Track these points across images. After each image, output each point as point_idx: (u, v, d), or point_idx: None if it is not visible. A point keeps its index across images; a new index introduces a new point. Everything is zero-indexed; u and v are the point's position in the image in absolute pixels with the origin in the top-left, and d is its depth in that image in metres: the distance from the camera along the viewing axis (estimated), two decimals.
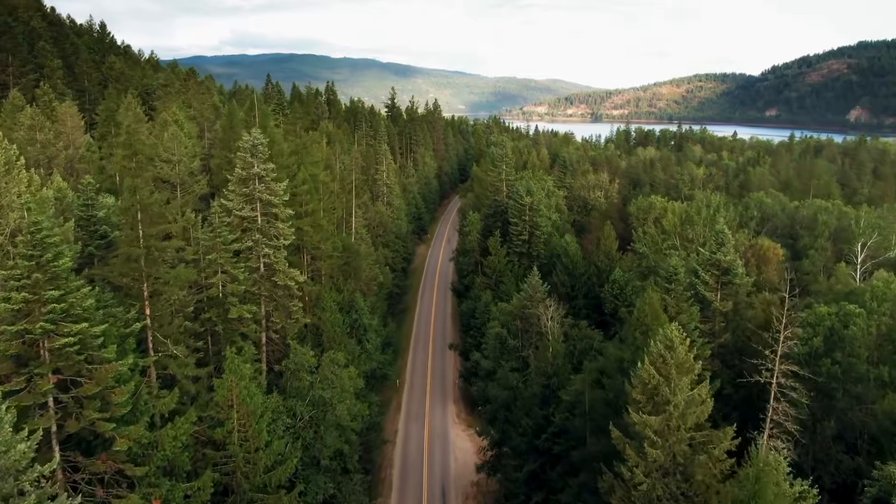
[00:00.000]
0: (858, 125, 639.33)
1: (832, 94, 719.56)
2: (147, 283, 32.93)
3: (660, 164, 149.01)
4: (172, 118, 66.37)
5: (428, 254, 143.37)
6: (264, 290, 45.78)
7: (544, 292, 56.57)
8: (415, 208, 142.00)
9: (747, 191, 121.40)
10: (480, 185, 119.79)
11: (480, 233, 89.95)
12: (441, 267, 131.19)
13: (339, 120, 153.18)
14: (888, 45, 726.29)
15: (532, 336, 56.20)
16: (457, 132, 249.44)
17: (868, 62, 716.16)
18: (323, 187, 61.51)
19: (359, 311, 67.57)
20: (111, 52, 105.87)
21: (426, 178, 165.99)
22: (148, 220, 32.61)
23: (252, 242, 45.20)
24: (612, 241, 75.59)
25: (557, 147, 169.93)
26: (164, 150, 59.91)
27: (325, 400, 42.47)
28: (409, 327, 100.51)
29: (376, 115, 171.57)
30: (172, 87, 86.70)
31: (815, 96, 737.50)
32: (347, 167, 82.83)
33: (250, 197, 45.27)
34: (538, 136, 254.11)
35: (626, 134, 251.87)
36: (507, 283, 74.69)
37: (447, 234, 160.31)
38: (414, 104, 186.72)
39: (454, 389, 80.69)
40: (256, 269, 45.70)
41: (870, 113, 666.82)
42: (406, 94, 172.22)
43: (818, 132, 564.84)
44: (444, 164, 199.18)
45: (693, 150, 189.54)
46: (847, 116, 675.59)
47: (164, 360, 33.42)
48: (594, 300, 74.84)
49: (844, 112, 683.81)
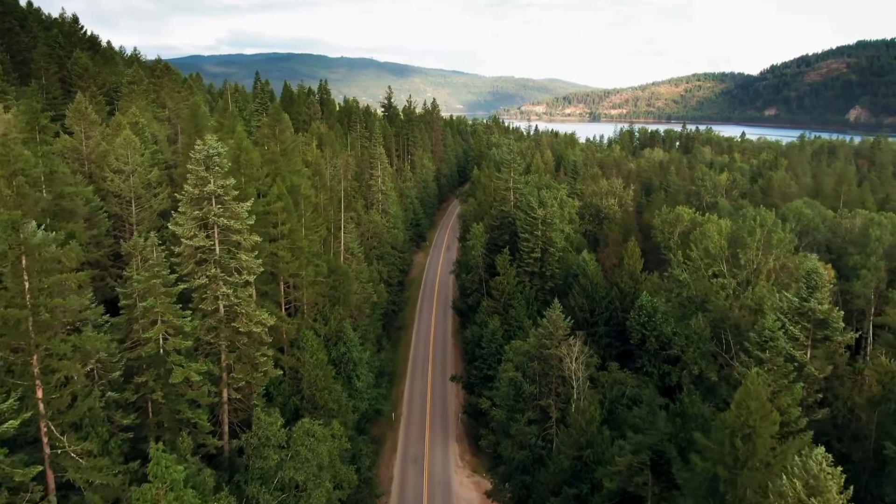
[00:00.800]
0: (858, 125, 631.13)
1: (831, 93, 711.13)
2: (37, 355, 23.25)
3: (674, 168, 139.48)
4: (130, 120, 56.48)
5: (427, 263, 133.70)
6: (223, 339, 36.06)
7: (567, 327, 47.06)
8: (412, 214, 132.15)
9: (769, 197, 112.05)
10: (483, 191, 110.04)
11: (485, 247, 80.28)
12: (441, 278, 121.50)
13: (333, 121, 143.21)
14: (887, 45, 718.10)
15: (552, 381, 46.76)
16: (455, 132, 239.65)
17: (867, 61, 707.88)
18: (305, 201, 51.88)
19: (348, 343, 57.97)
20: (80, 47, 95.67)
21: (424, 181, 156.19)
22: (37, 267, 22.92)
23: (207, 279, 35.50)
24: (637, 259, 66.06)
25: (562, 149, 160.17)
26: (115, 159, 50.17)
27: (298, 483, 32.86)
28: (405, 349, 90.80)
29: (372, 116, 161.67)
30: (140, 84, 76.75)
31: (814, 96, 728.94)
32: (337, 174, 73.10)
33: (205, 221, 35.56)
34: (539, 136, 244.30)
35: (629, 134, 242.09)
36: (517, 308, 65.13)
37: (447, 240, 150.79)
38: (411, 104, 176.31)
39: (456, 425, 70.95)
40: (213, 313, 36.01)
41: (869, 112, 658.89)
42: (403, 94, 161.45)
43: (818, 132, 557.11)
44: (443, 165, 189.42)
45: (703, 152, 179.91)
46: (846, 116, 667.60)
47: (63, 461, 23.76)
48: (616, 327, 65.37)
49: (844, 111, 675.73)
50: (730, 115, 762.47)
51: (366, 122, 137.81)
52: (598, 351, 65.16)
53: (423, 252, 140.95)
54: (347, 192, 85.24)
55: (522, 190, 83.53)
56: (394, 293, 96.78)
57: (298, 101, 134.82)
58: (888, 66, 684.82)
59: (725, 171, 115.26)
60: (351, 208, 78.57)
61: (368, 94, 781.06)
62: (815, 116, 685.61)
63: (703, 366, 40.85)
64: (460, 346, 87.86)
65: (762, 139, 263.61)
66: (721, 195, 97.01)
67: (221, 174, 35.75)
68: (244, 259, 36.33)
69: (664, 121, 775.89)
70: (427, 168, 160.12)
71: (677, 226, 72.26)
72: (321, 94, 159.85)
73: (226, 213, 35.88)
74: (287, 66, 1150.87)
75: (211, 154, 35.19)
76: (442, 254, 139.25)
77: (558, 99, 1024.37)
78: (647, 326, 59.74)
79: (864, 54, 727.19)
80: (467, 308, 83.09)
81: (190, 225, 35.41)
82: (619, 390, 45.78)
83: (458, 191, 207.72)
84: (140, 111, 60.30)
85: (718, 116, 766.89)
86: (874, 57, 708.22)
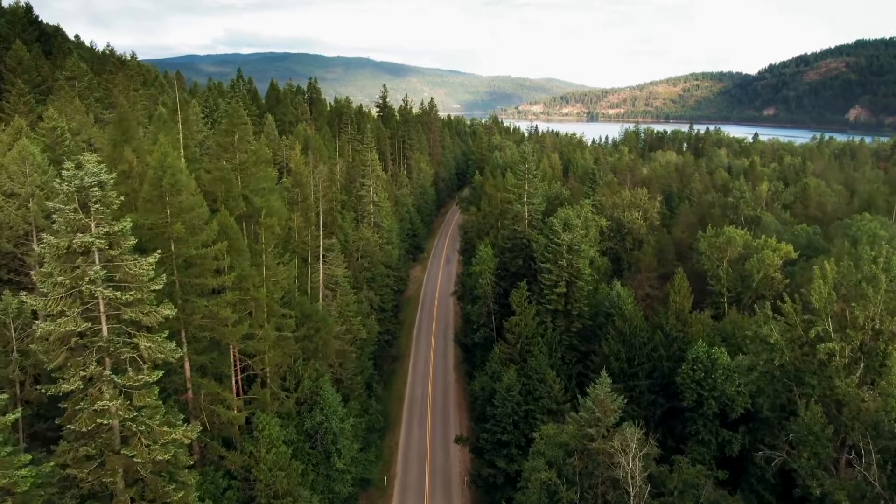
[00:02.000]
0: (858, 124, 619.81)
1: (831, 93, 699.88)
2: None
3: (697, 175, 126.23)
4: (50, 124, 43.03)
5: (424, 278, 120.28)
6: (110, 476, 22.79)
7: (619, 408, 34.01)
8: (409, 224, 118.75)
9: (807, 209, 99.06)
10: (489, 202, 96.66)
11: (494, 273, 67.12)
12: (440, 297, 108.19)
13: (322, 122, 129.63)
14: (886, 44, 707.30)
15: (599, 483, 33.83)
16: (454, 133, 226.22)
17: (867, 61, 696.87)
18: (267, 232, 38.61)
19: (326, 409, 44.83)
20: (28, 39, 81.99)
21: (422, 187, 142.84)
22: None
23: (81, 381, 22.25)
24: (686, 296, 52.96)
25: (569, 152, 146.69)
26: (7, 178, 36.83)
27: None
28: (401, 387, 77.63)
29: (365, 116, 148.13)
30: (82, 80, 63.41)
31: (813, 95, 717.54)
32: (316, 187, 59.74)
33: (75, 290, 22.31)
34: (542, 137, 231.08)
35: (635, 135, 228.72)
36: (537, 356, 51.96)
37: (446, 250, 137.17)
38: (408, 103, 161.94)
39: (462, 495, 57.78)
40: (92, 434, 22.76)
41: (869, 112, 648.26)
42: (400, 94, 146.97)
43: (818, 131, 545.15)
44: (441, 168, 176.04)
45: (719, 155, 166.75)
46: (846, 116, 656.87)
47: None
48: (661, 380, 52.35)
49: (843, 111, 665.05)
50: (728, 114, 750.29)
51: (358, 123, 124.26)
52: (640, 411, 52.28)
53: (420, 265, 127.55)
54: (332, 208, 71.86)
55: (538, 205, 70.25)
56: (387, 319, 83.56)
57: (285, 100, 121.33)
58: (887, 65, 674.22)
59: (765, 179, 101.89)
60: (334, 228, 65.29)
61: (365, 94, 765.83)
62: (815, 116, 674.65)
63: (827, 483, 27.80)
64: (464, 386, 74.72)
65: (774, 140, 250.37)
66: (762, 208, 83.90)
67: (107, 215, 22.47)
68: (146, 346, 23.05)
69: (662, 120, 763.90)
70: (425, 172, 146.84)
71: (727, 250, 59.28)
72: (311, 93, 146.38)
73: (115, 274, 22.64)
74: (283, 65, 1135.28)
75: (87, 184, 21.90)
76: (441, 267, 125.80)
77: (556, 99, 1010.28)
78: (705, 385, 46.78)
79: (864, 53, 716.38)
80: (473, 345, 69.91)
81: (56, 294, 22.13)
82: (692, 498, 32.72)
83: (458, 195, 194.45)
84: (64, 113, 46.97)
85: (717, 116, 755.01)
86: (873, 56, 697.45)
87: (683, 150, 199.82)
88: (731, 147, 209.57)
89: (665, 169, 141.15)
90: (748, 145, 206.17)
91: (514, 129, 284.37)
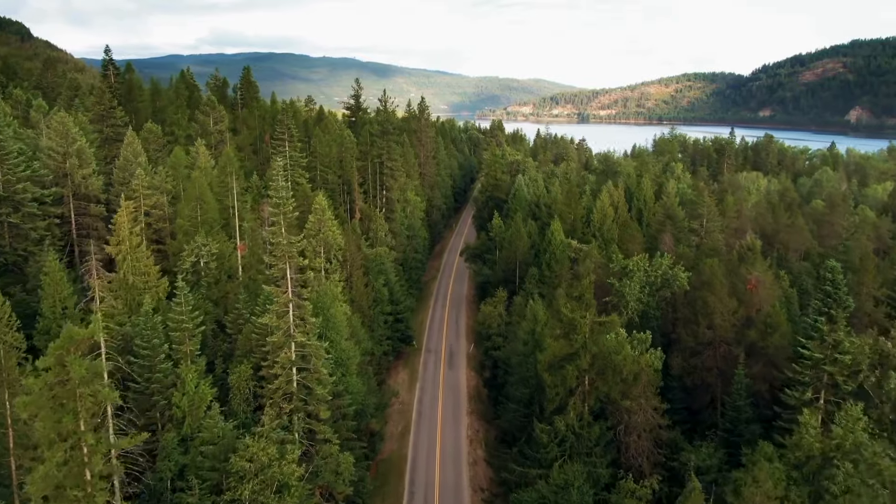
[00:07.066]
0: (860, 126, 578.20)
1: (829, 93, 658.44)
2: None
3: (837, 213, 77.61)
4: None
5: (412, 422, 70.09)
6: None
7: None
8: (386, 315, 68.24)
9: None
10: (560, 323, 46.76)
11: None
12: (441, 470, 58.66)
13: (247, 134, 79.36)
14: (883, 44, 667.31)
15: None
16: (449, 142, 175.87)
17: (865, 61, 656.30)
18: None
19: None
20: None
21: (410, 228, 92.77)
22: None
23: None
24: None
25: (630, 179, 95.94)
26: None
27: None
28: None
29: (325, 123, 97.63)
30: None
31: (810, 96, 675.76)
32: None
33: None
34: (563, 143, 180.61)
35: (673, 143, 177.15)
36: None
37: (446, 337, 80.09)
38: (389, 104, 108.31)
39: None
40: None
41: (871, 113, 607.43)
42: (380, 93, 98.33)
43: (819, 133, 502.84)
44: (436, 193, 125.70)
45: (829, 175, 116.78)
46: (847, 117, 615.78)
47: None
48: None
49: (843, 112, 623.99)
50: (723, 116, 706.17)
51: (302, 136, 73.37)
52: None
53: (406, 370, 71.19)
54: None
55: None
56: None
57: (177, 99, 70.84)
58: (886, 65, 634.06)
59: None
60: None
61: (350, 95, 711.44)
62: (814, 117, 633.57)
63: None
64: None
65: (805, 148, 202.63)
66: None
67: None
68: None
69: (655, 122, 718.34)
70: (414, 206, 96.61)
71: None
72: (242, 90, 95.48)
73: None
74: (267, 65, 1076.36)
75: None
76: (441, 380, 69.35)
77: (545, 99, 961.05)
78: None
79: (861, 54, 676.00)
80: None
81: None
82: None
83: (455, 225, 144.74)
84: None
85: (712, 117, 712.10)
86: (871, 56, 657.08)
87: (747, 162, 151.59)
88: (796, 159, 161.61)
89: (766, 199, 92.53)
90: (825, 155, 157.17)
91: (518, 133, 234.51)
